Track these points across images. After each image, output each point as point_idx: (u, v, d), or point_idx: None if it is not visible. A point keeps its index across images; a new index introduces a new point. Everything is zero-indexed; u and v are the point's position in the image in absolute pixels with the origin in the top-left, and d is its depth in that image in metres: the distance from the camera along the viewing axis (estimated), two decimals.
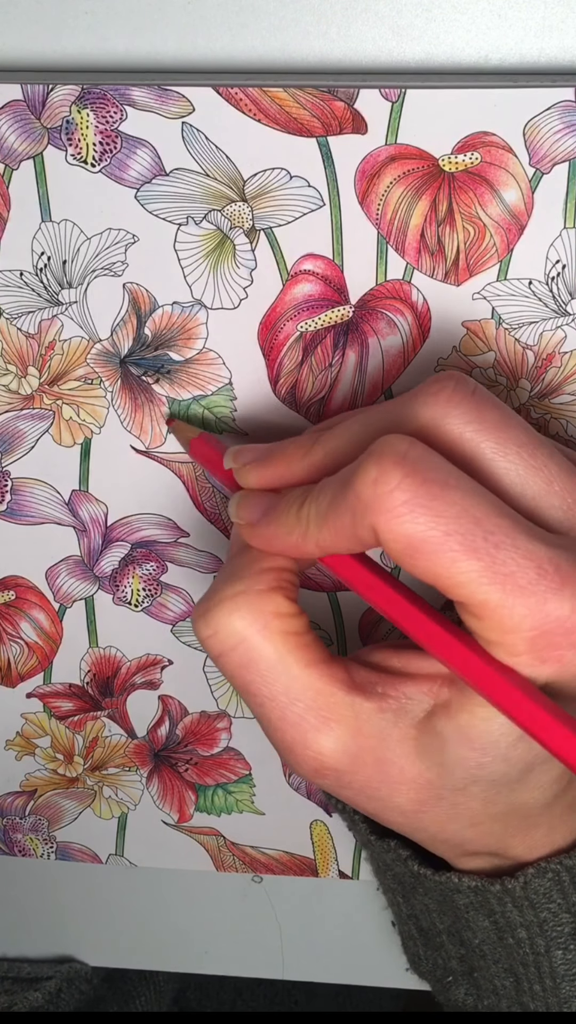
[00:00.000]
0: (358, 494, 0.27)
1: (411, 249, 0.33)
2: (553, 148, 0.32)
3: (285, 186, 0.33)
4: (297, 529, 0.29)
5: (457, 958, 0.37)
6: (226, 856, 0.44)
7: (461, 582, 0.27)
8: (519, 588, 0.27)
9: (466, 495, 0.27)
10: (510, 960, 0.35)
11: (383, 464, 0.27)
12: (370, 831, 0.36)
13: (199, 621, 0.30)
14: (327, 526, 0.28)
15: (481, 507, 0.27)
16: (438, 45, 0.32)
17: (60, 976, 0.46)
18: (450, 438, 0.28)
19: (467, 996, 0.38)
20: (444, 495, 0.27)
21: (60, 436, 0.37)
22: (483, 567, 0.26)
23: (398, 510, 0.26)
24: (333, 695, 0.30)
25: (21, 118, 0.32)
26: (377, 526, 0.27)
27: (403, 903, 0.38)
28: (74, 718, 0.42)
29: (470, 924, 0.35)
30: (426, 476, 0.27)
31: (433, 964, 0.38)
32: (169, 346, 0.35)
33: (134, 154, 0.33)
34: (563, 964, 0.34)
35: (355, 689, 0.30)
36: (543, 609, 0.27)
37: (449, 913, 0.35)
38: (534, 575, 0.27)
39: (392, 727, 0.30)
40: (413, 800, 0.31)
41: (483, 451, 0.29)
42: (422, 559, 0.27)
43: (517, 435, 0.29)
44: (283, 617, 0.30)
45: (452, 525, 0.26)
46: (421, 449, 0.27)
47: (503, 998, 0.36)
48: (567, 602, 0.27)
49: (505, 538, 0.27)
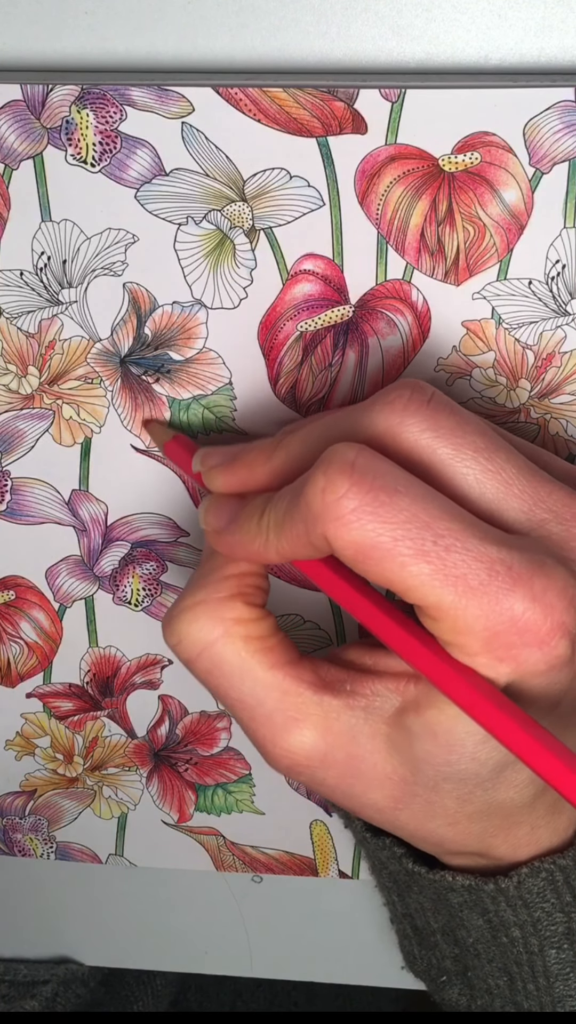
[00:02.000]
0: (308, 503, 0.27)
1: (411, 249, 0.33)
2: (553, 148, 0.32)
3: (285, 186, 0.33)
4: (258, 538, 0.30)
5: (451, 958, 0.37)
6: (226, 856, 0.44)
7: (413, 585, 0.27)
8: (471, 589, 0.27)
9: (415, 500, 0.27)
10: (504, 959, 0.35)
11: (330, 473, 0.27)
12: (365, 828, 0.36)
13: (165, 629, 0.32)
14: (284, 535, 0.29)
15: (431, 511, 0.27)
16: (438, 45, 0.32)
17: (56, 980, 0.46)
18: (407, 445, 0.29)
19: (460, 996, 0.38)
20: (392, 501, 0.27)
21: (60, 436, 0.37)
22: (433, 570, 0.27)
23: (346, 518, 0.27)
24: (300, 695, 0.31)
25: (21, 118, 0.32)
26: (327, 534, 0.27)
27: (398, 901, 0.38)
28: (74, 718, 0.42)
29: (464, 923, 0.35)
30: (373, 484, 0.27)
31: (428, 963, 0.38)
32: (169, 346, 0.35)
33: (134, 154, 0.33)
34: (557, 963, 0.34)
35: (323, 688, 0.31)
36: (496, 609, 0.27)
37: (443, 912, 0.35)
38: (485, 576, 0.27)
39: (362, 723, 0.31)
40: (388, 797, 0.31)
41: (440, 456, 0.29)
42: (373, 564, 0.27)
43: (473, 440, 0.29)
44: (244, 623, 0.31)
45: (400, 530, 0.27)
46: (369, 456, 0.27)
47: (497, 997, 0.36)
48: (519, 602, 0.27)
49: (456, 541, 0.27)
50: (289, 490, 0.29)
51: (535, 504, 0.29)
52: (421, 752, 0.30)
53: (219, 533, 0.31)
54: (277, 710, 0.31)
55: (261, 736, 0.31)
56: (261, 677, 0.31)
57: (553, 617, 0.27)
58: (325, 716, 0.31)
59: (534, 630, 0.27)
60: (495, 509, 0.29)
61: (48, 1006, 0.45)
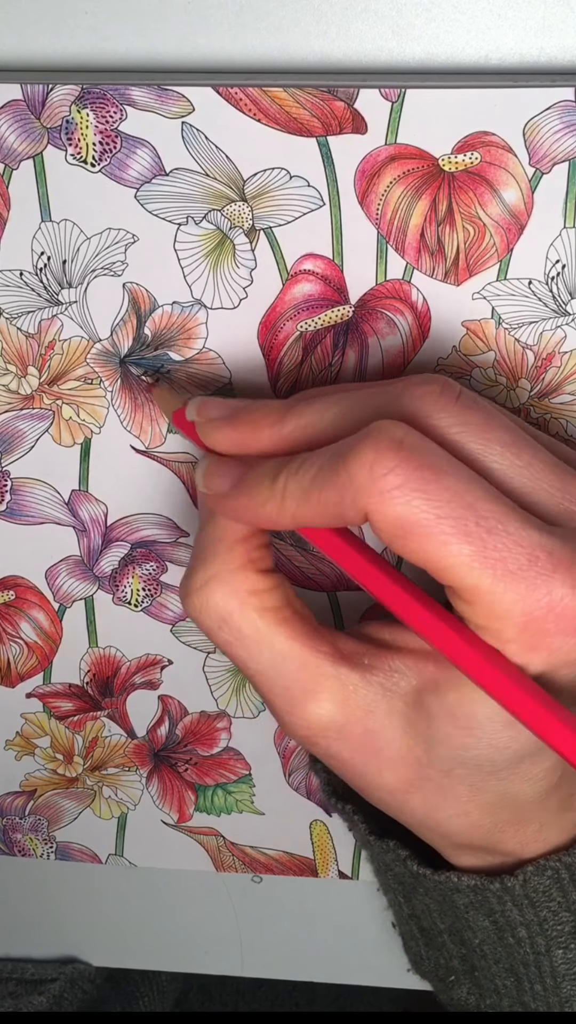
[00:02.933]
0: (351, 475, 0.27)
1: (411, 249, 0.33)
2: (553, 148, 0.32)
3: (285, 186, 0.33)
4: (271, 502, 0.29)
5: (458, 957, 0.37)
6: (226, 856, 0.44)
7: (452, 565, 0.27)
8: (510, 573, 0.27)
9: (460, 481, 0.27)
10: (511, 960, 0.35)
11: (380, 447, 0.27)
12: (369, 831, 0.36)
13: (184, 603, 0.32)
14: (310, 502, 0.28)
15: (474, 493, 0.27)
16: (438, 45, 0.32)
17: (64, 977, 0.46)
18: (434, 435, 0.29)
19: (469, 995, 0.37)
20: (438, 480, 0.27)
21: (60, 436, 0.37)
22: (474, 551, 0.27)
23: (392, 493, 0.27)
24: (319, 666, 0.31)
25: (21, 118, 0.32)
26: (369, 507, 0.27)
27: (404, 903, 0.38)
28: (74, 718, 0.42)
29: (470, 924, 0.35)
30: (421, 461, 0.27)
31: (435, 964, 0.38)
32: (169, 346, 0.35)
33: (134, 154, 0.33)
34: (564, 963, 0.34)
35: (341, 660, 0.31)
36: (533, 595, 0.27)
37: (449, 913, 0.35)
38: (525, 560, 0.27)
39: (380, 699, 0.31)
40: (401, 778, 0.31)
41: (469, 451, 0.29)
42: (413, 541, 0.27)
43: (501, 436, 0.29)
44: (259, 594, 0.31)
45: (445, 509, 0.27)
46: (417, 436, 0.27)
47: (504, 997, 0.36)
48: (558, 588, 0.27)
49: (498, 523, 0.27)
50: (319, 456, 0.28)
51: (564, 498, 0.29)
52: (439, 733, 0.30)
53: (223, 497, 0.31)
54: (296, 681, 0.31)
55: (279, 706, 0.31)
56: (279, 648, 0.31)
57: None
58: (343, 688, 0.31)
59: (572, 617, 0.27)
60: (525, 503, 0.29)
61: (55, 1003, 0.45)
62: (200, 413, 0.32)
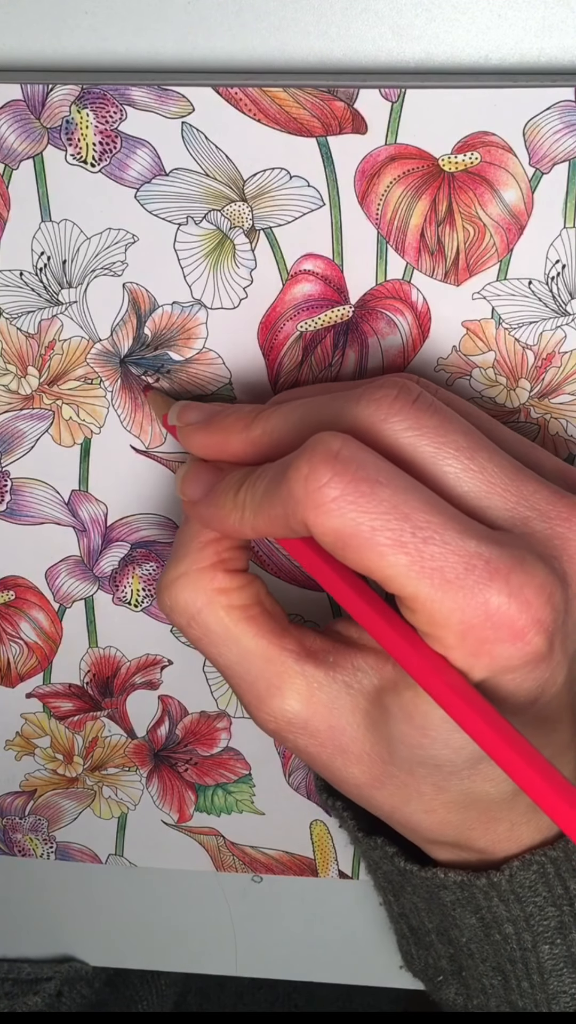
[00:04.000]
0: (290, 488, 0.28)
1: (411, 249, 0.33)
2: (553, 148, 0.32)
3: (285, 186, 0.33)
4: (234, 513, 0.30)
5: (446, 957, 0.37)
6: (226, 856, 0.44)
7: (391, 575, 0.27)
8: (447, 582, 0.27)
9: (396, 492, 0.27)
10: (497, 957, 0.35)
11: (314, 461, 0.27)
12: (357, 828, 0.36)
13: (159, 596, 0.33)
14: (262, 515, 0.29)
15: (411, 503, 0.27)
16: (438, 45, 0.32)
17: (60, 977, 0.46)
18: (388, 442, 0.29)
19: (457, 996, 0.38)
20: (373, 492, 0.27)
21: (60, 436, 0.37)
22: (411, 561, 0.27)
23: (327, 506, 0.27)
24: (283, 663, 0.31)
25: (21, 118, 0.32)
26: (307, 520, 0.28)
27: (394, 902, 0.38)
28: (74, 718, 0.42)
29: (457, 922, 0.35)
30: (356, 474, 0.27)
31: (424, 963, 0.38)
32: (169, 346, 0.35)
33: (134, 154, 0.33)
34: (550, 959, 0.34)
35: (306, 657, 0.31)
36: (471, 603, 0.27)
37: (437, 911, 0.35)
38: (462, 569, 0.27)
39: (344, 696, 0.31)
40: (366, 774, 0.32)
41: (422, 455, 0.29)
42: (352, 552, 0.27)
43: (455, 439, 0.29)
44: (227, 592, 0.32)
45: (379, 521, 0.27)
46: (354, 447, 0.28)
47: (492, 997, 0.36)
48: (495, 596, 0.27)
49: (434, 533, 0.27)
50: (269, 470, 0.29)
51: (518, 502, 0.29)
52: (396, 732, 0.30)
53: (194, 504, 0.32)
54: (261, 677, 0.31)
55: (247, 700, 0.32)
56: (246, 645, 0.31)
57: (529, 613, 0.27)
58: (308, 685, 0.31)
59: (509, 625, 0.27)
60: (477, 507, 0.29)
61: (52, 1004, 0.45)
62: (180, 418, 0.33)
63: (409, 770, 0.31)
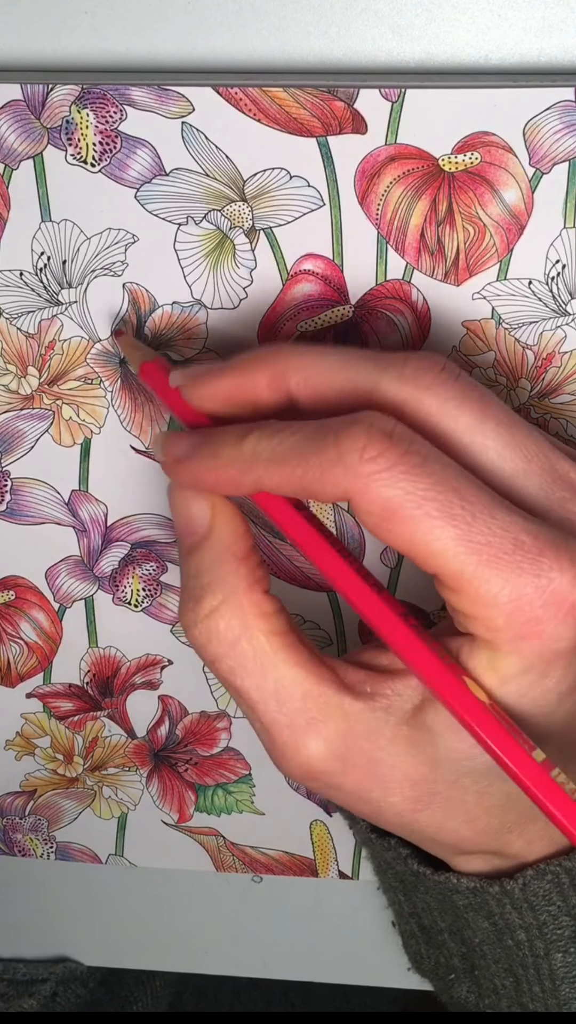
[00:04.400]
0: (341, 453, 0.27)
1: (411, 249, 0.33)
2: (553, 148, 0.32)
3: (285, 186, 0.33)
4: (237, 462, 0.29)
5: (459, 956, 0.37)
6: (226, 856, 0.44)
7: (437, 550, 0.27)
8: (495, 558, 0.27)
9: (446, 467, 0.27)
10: (510, 961, 0.35)
11: (372, 434, 0.27)
12: (370, 829, 0.36)
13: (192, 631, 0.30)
14: (282, 468, 0.28)
15: (460, 480, 0.27)
16: (438, 45, 0.32)
17: (55, 978, 0.46)
18: (432, 410, 0.29)
19: (468, 994, 0.38)
20: (425, 465, 0.27)
21: (60, 436, 0.37)
22: (459, 534, 0.27)
23: (380, 475, 0.27)
24: (322, 695, 0.30)
25: (21, 118, 0.32)
26: (355, 488, 0.27)
27: (404, 901, 0.38)
28: (74, 718, 0.42)
29: (470, 924, 0.35)
30: (408, 448, 0.27)
31: (435, 962, 0.38)
32: (169, 346, 0.35)
33: (134, 154, 0.33)
34: (563, 967, 0.34)
35: (344, 689, 0.30)
36: (520, 580, 0.27)
37: (449, 912, 0.35)
38: (511, 546, 0.27)
39: (383, 725, 0.30)
40: (408, 798, 0.31)
41: (462, 424, 0.29)
42: (399, 524, 0.27)
43: (496, 413, 0.29)
44: (267, 617, 0.30)
45: (431, 492, 0.27)
46: (404, 429, 0.28)
47: (503, 998, 0.36)
48: (545, 572, 0.27)
49: (484, 509, 0.27)
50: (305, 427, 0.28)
51: (554, 481, 0.29)
52: (443, 748, 0.30)
53: (182, 460, 0.30)
54: (299, 711, 0.30)
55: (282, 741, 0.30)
56: (285, 675, 0.30)
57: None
58: (346, 719, 0.30)
59: (559, 602, 0.27)
60: (514, 485, 0.29)
61: (46, 1005, 0.45)
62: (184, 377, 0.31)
63: (454, 782, 0.30)
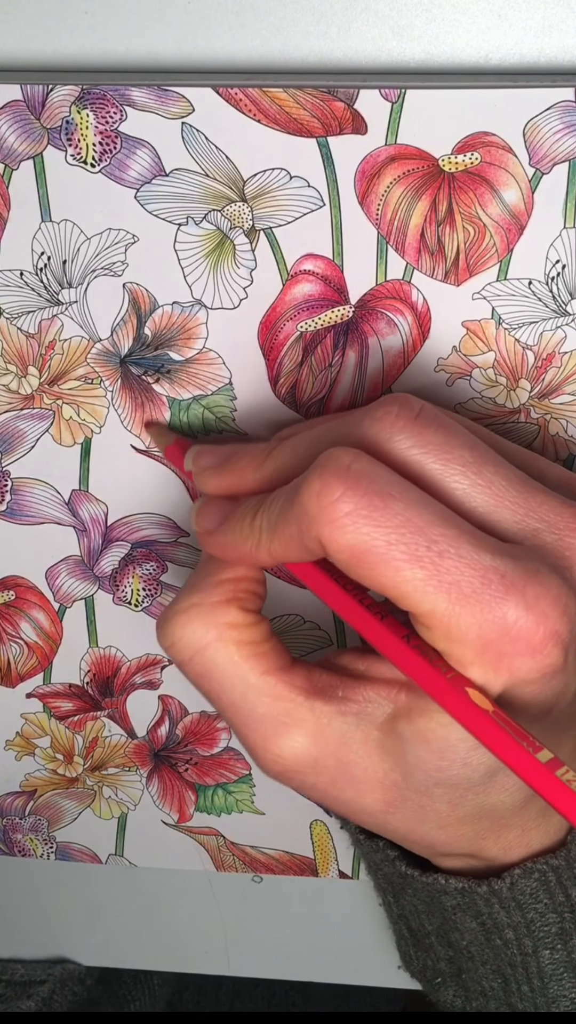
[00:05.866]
0: (303, 506, 0.27)
1: (411, 249, 0.33)
2: (553, 148, 0.32)
3: (285, 186, 0.33)
4: (250, 539, 0.30)
5: (446, 960, 0.37)
6: (226, 856, 0.44)
7: (407, 591, 0.27)
8: (464, 596, 0.27)
9: (409, 506, 0.27)
10: (498, 961, 0.35)
11: (325, 476, 0.27)
12: (359, 830, 0.36)
13: (159, 631, 0.31)
14: (277, 536, 0.29)
15: (424, 516, 0.27)
16: (438, 45, 0.32)
17: (53, 979, 0.46)
18: (396, 460, 0.29)
19: (455, 998, 0.38)
20: (386, 506, 0.27)
21: (60, 436, 0.37)
22: (427, 575, 0.27)
23: (340, 521, 0.27)
24: (291, 700, 0.31)
25: (21, 118, 0.32)
26: (321, 537, 0.27)
27: (393, 903, 0.38)
28: (74, 718, 0.42)
29: (458, 926, 0.35)
30: (368, 488, 0.27)
31: (423, 965, 0.39)
32: (169, 346, 0.35)
33: (134, 154, 0.33)
34: (550, 964, 0.34)
35: (315, 694, 0.31)
36: (488, 617, 0.27)
37: (437, 914, 0.36)
38: (478, 583, 0.27)
39: (354, 729, 0.31)
40: (380, 801, 0.31)
41: (429, 471, 0.29)
42: (367, 569, 0.27)
43: (460, 455, 0.29)
44: (238, 627, 0.31)
45: (394, 535, 0.27)
46: (365, 461, 0.28)
47: (491, 999, 0.36)
48: (512, 610, 0.27)
49: (449, 547, 0.27)
50: (284, 492, 0.29)
51: (527, 514, 0.29)
52: (413, 758, 0.30)
53: (210, 534, 0.31)
54: (268, 715, 0.31)
55: (252, 741, 0.31)
56: (253, 682, 0.31)
57: (546, 625, 0.27)
58: (316, 722, 0.31)
59: (527, 638, 0.27)
60: (487, 521, 0.29)
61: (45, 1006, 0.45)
62: (195, 463, 0.33)
63: (425, 791, 0.31)
